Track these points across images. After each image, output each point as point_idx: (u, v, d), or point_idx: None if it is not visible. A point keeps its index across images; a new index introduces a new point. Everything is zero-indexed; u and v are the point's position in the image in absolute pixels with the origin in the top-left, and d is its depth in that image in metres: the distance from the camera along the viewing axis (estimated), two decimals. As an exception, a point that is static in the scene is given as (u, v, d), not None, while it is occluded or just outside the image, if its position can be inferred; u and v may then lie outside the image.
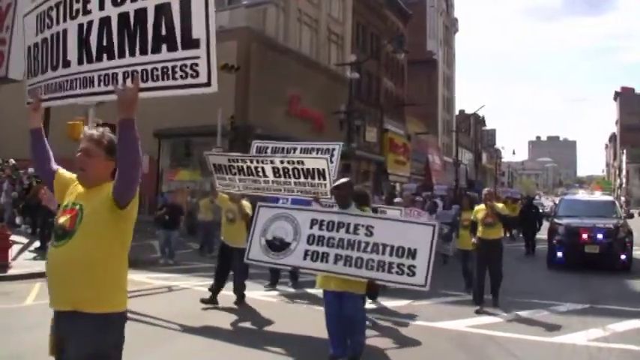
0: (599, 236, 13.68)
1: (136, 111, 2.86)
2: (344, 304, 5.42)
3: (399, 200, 12.50)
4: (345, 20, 38.66)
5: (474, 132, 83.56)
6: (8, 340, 6.38)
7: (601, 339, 7.25)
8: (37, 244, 14.26)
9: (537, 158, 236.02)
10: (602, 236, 13.67)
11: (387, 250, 5.10)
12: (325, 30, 35.82)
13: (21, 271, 11.07)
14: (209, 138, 22.56)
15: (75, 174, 3.20)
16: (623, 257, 13.58)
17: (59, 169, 3.38)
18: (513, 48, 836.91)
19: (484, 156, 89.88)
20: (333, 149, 7.90)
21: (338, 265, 5.28)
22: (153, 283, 10.91)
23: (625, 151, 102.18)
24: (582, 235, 13.80)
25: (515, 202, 23.40)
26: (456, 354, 6.72)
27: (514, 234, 22.03)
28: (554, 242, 14.45)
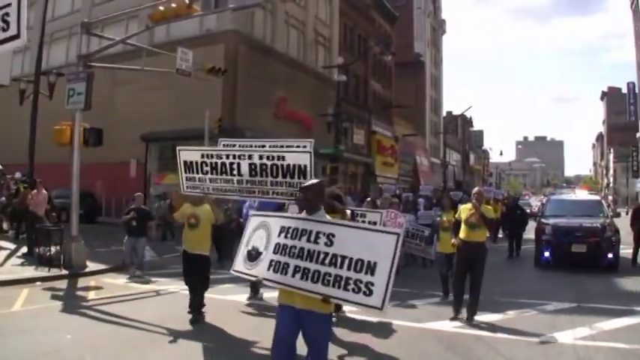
0: (586, 235, 13.71)
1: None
2: (308, 326, 4.53)
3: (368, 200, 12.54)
4: (333, 22, 38.75)
5: (462, 133, 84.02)
6: (-5, 346, 6.35)
7: (588, 337, 7.30)
8: (25, 250, 14.14)
9: (525, 158, 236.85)
10: (589, 235, 13.69)
11: (346, 263, 4.44)
12: (312, 32, 35.88)
13: (9, 277, 11.00)
14: (197, 141, 22.48)
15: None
16: (610, 256, 13.59)
17: None
18: (501, 49, 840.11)
19: (472, 157, 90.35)
20: (305, 146, 7.13)
21: (295, 279, 4.52)
22: (141, 288, 10.87)
23: (612, 151, 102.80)
24: (569, 235, 13.84)
25: (497, 203, 21.00)
26: (445, 354, 6.74)
27: (498, 236, 21.04)
28: (541, 242, 14.50)
